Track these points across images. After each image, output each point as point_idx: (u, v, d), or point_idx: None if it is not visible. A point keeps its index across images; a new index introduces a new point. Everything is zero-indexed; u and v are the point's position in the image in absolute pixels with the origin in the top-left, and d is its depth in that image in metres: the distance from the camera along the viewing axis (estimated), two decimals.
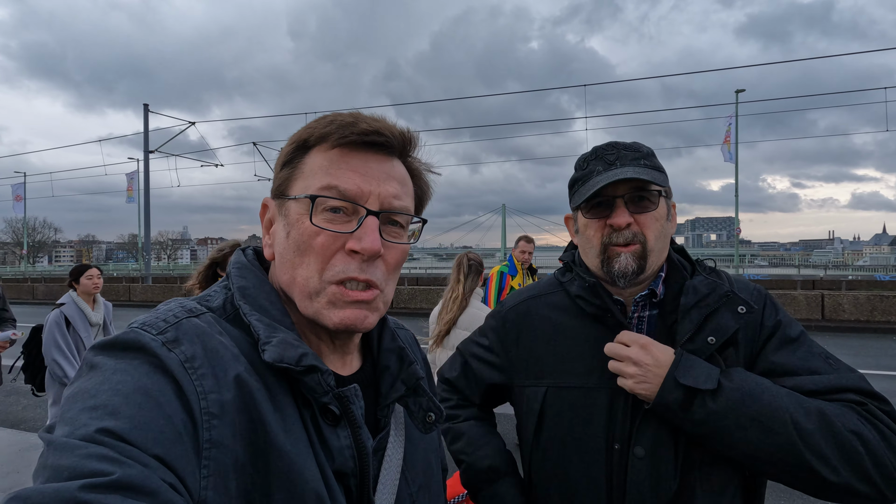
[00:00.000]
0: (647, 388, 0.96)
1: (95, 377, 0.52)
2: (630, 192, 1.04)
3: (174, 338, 0.57)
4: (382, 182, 0.68)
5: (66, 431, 0.48)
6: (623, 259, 1.04)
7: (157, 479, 0.46)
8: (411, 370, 0.74)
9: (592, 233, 1.09)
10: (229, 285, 0.70)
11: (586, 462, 1.05)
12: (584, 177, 1.09)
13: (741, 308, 1.04)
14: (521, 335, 1.17)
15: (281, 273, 0.69)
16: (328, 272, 0.65)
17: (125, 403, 0.50)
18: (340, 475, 0.63)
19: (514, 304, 1.23)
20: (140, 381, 0.52)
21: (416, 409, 0.74)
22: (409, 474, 0.74)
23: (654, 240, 1.05)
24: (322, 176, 0.66)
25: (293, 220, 0.67)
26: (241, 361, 0.60)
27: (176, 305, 0.63)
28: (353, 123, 0.67)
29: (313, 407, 0.63)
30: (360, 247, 0.64)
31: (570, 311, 1.14)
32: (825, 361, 1.00)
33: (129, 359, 0.54)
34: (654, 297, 1.09)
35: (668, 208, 1.10)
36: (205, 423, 0.53)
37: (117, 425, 0.48)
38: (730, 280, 1.10)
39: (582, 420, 1.06)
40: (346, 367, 0.74)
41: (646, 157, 1.07)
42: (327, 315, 0.65)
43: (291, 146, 0.69)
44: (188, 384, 0.54)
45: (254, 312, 0.65)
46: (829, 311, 12.16)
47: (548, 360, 1.12)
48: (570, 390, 1.08)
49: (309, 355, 0.62)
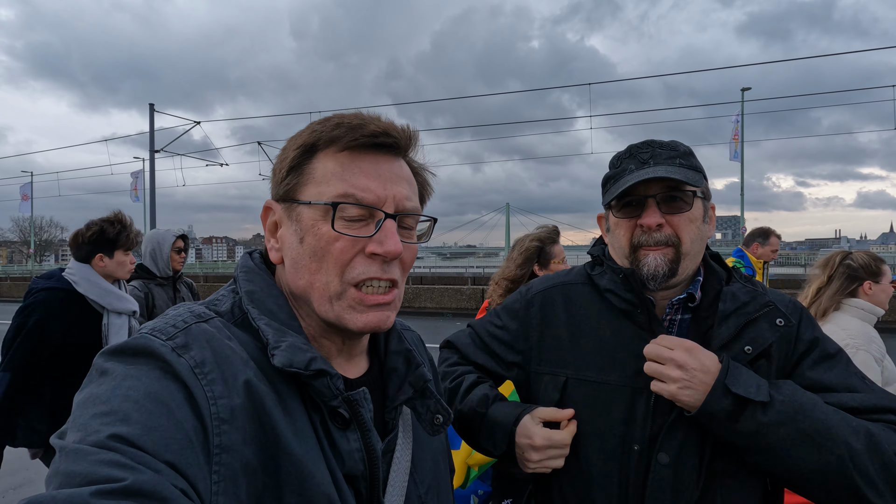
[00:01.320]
0: (692, 396, 0.91)
1: (106, 383, 0.53)
2: (663, 192, 1.01)
3: (184, 343, 0.57)
4: (395, 184, 0.68)
5: (77, 437, 0.48)
6: (652, 260, 1.01)
7: (168, 485, 0.47)
8: (419, 372, 0.74)
9: (622, 232, 1.06)
10: (237, 289, 0.70)
11: (602, 458, 1.03)
12: (617, 175, 1.06)
13: (779, 320, 1.01)
14: (545, 321, 1.15)
15: (295, 278, 0.69)
16: (348, 274, 0.66)
17: (136, 409, 0.50)
18: (350, 478, 0.64)
19: (540, 289, 1.20)
20: (150, 387, 0.52)
21: (424, 412, 0.74)
22: (418, 476, 0.75)
23: (689, 242, 1.01)
24: (336, 182, 0.66)
25: (307, 225, 0.67)
26: (251, 366, 0.60)
27: (185, 311, 0.63)
28: (362, 126, 0.67)
29: (322, 410, 0.64)
30: (384, 250, 0.65)
31: (597, 305, 1.11)
32: (861, 381, 0.98)
33: (140, 364, 0.55)
34: (691, 302, 1.06)
35: (706, 210, 1.06)
36: (215, 429, 0.54)
37: (129, 431, 0.48)
38: (766, 291, 1.07)
39: (599, 415, 1.04)
40: (354, 370, 0.74)
41: (682, 157, 1.03)
42: (350, 319, 0.66)
43: (297, 150, 0.69)
44: (198, 389, 0.54)
45: (262, 317, 0.65)
46: None
47: (569, 351, 1.10)
48: (589, 384, 1.06)
49: (318, 359, 0.62)
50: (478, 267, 35.52)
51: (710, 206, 1.09)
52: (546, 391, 1.11)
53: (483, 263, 51.63)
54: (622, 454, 1.01)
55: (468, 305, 15.11)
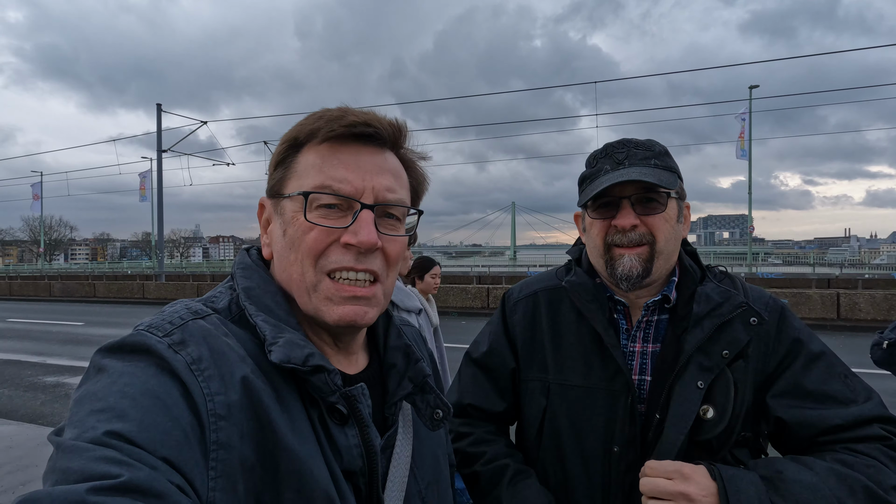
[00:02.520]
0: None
1: (103, 380, 0.53)
2: (637, 193, 1.02)
3: (180, 340, 0.57)
4: (375, 175, 0.68)
5: (74, 434, 0.48)
6: (627, 261, 1.02)
7: (164, 482, 0.47)
8: (418, 367, 0.74)
9: (597, 232, 1.06)
10: (234, 286, 0.70)
11: (584, 461, 1.04)
12: (592, 175, 1.07)
13: (753, 319, 1.01)
14: (528, 328, 1.16)
15: (279, 271, 0.69)
16: (323, 263, 0.66)
17: (133, 406, 0.50)
18: (349, 474, 0.64)
19: (520, 296, 1.21)
20: (147, 384, 0.52)
21: (424, 407, 0.74)
22: (418, 471, 0.75)
23: (663, 242, 1.02)
24: (315, 173, 0.67)
25: (288, 218, 0.67)
26: (248, 362, 0.60)
27: (182, 307, 0.63)
28: (341, 117, 0.67)
29: (321, 406, 0.63)
30: (357, 240, 0.65)
31: (570, 309, 1.12)
32: (844, 382, 0.97)
33: (136, 361, 0.54)
34: (666, 303, 1.06)
35: (680, 210, 1.07)
36: (212, 425, 0.54)
37: (125, 428, 0.48)
38: (744, 288, 1.06)
39: (581, 419, 1.05)
40: (353, 366, 0.74)
41: (657, 157, 1.04)
42: (326, 311, 0.66)
43: (284, 145, 0.70)
44: (195, 386, 0.54)
45: (259, 313, 0.65)
46: (845, 311, 11.95)
47: (551, 356, 1.11)
48: (571, 388, 1.07)
49: (315, 355, 0.62)
50: (483, 266, 35.48)
51: (684, 205, 1.09)
52: (533, 396, 1.12)
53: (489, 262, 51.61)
54: (604, 457, 1.02)
55: (474, 304, 15.10)
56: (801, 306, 12.14)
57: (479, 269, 30.06)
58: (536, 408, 1.11)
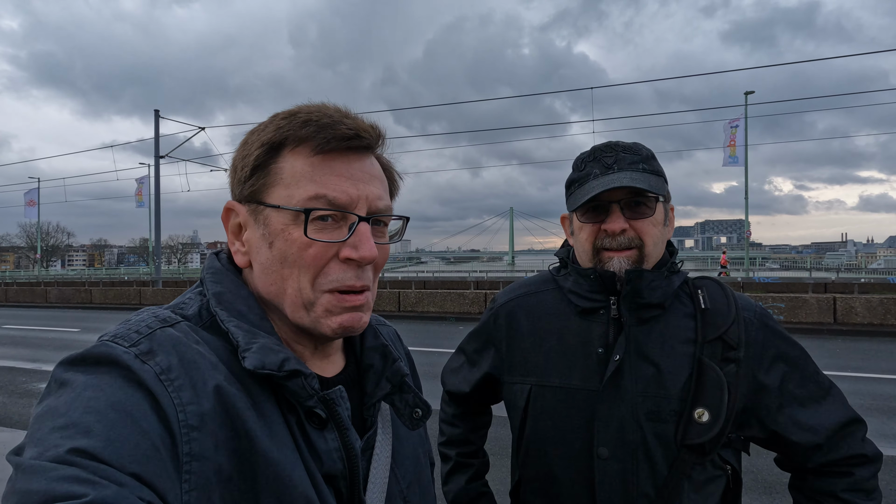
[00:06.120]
0: None
1: (66, 394, 0.50)
2: (627, 198, 1.03)
3: (148, 349, 0.55)
4: (367, 184, 0.67)
5: (35, 453, 0.46)
6: (616, 263, 1.03)
7: (133, 499, 0.45)
8: (396, 367, 0.73)
9: (585, 236, 1.07)
10: (204, 291, 0.68)
11: (566, 462, 1.05)
12: (581, 179, 1.07)
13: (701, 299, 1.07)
14: (510, 332, 1.17)
15: (265, 284, 0.67)
16: (322, 281, 0.64)
17: (98, 421, 0.48)
18: (329, 478, 0.63)
19: (505, 300, 1.23)
20: (113, 397, 0.50)
21: (403, 406, 0.73)
22: (399, 471, 0.74)
23: (651, 245, 1.04)
24: (307, 184, 0.64)
25: (276, 230, 0.64)
26: (221, 370, 0.58)
27: (149, 315, 0.61)
28: (332, 126, 0.64)
29: (298, 411, 0.62)
30: (359, 255, 0.63)
31: (560, 309, 1.13)
32: (818, 388, 1.05)
33: (101, 373, 0.52)
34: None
35: (666, 213, 1.09)
36: (184, 437, 0.52)
37: (90, 444, 0.46)
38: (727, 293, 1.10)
39: (563, 420, 1.06)
40: (330, 368, 0.73)
41: (645, 161, 1.05)
42: (325, 323, 0.65)
43: (262, 148, 0.66)
44: (164, 397, 0.52)
45: (231, 319, 0.63)
46: (841, 315, 11.97)
47: (533, 359, 1.12)
48: (552, 389, 1.08)
49: (291, 360, 0.61)
50: (481, 271, 35.48)
51: (669, 207, 1.11)
52: (515, 399, 1.14)
53: (486, 268, 51.55)
54: (587, 457, 1.03)
55: (471, 309, 15.08)
56: (797, 311, 12.17)
57: (477, 275, 30.08)
58: (516, 409, 1.12)
